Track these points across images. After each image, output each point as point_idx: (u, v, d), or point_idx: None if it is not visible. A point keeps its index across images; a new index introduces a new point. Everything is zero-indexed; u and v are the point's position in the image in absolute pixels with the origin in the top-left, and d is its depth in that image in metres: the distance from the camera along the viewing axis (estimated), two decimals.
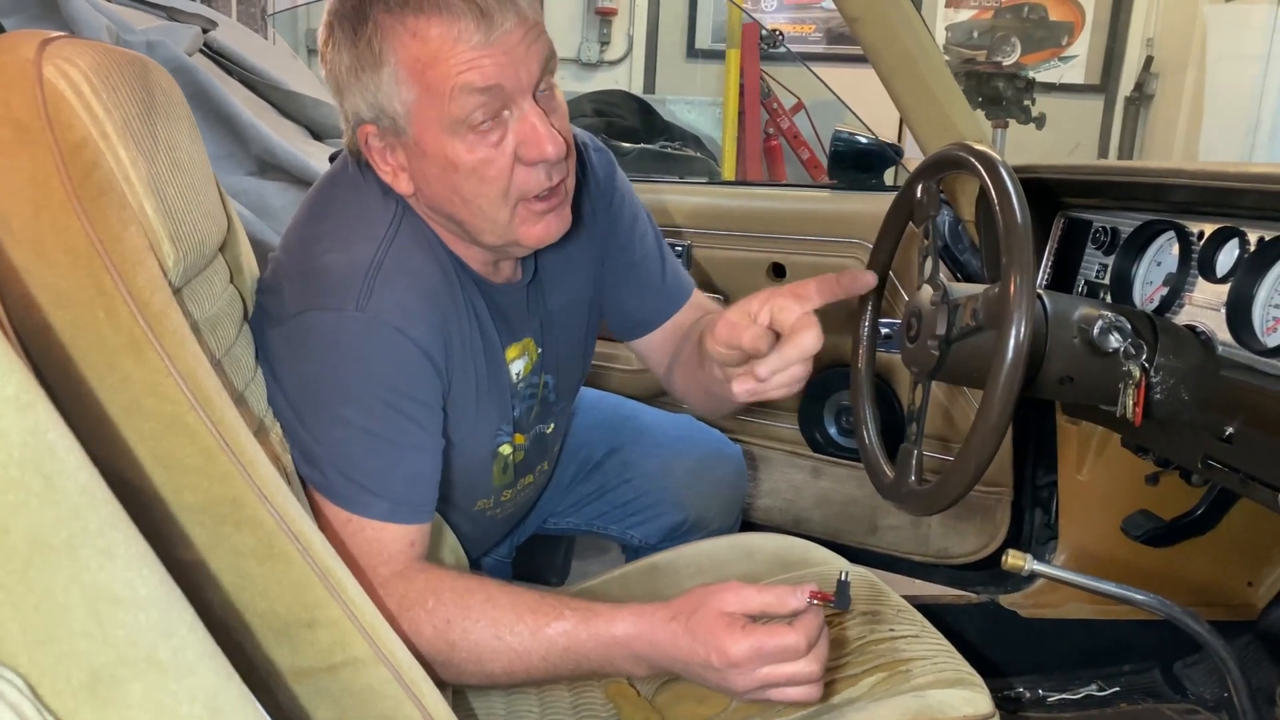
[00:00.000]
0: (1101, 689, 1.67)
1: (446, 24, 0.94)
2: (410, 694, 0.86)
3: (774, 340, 1.02)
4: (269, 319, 1.05)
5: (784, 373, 1.01)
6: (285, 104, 3.16)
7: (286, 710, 0.85)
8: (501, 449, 1.21)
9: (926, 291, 1.15)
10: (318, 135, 3.27)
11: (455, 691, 1.09)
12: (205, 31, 2.97)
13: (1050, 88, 5.08)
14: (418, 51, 0.95)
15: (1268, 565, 1.70)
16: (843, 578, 0.97)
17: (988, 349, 1.03)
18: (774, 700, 0.95)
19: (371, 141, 1.03)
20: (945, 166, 1.16)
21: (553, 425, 1.31)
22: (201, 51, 2.93)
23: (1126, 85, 5.31)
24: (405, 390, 1.01)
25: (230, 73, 3.07)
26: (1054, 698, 1.64)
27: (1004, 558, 0.88)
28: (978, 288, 1.08)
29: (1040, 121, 4.46)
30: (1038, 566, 0.86)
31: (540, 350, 1.21)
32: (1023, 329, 0.96)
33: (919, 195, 1.20)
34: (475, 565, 1.36)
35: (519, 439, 1.23)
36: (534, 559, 1.62)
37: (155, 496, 0.76)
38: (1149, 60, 5.20)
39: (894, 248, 1.29)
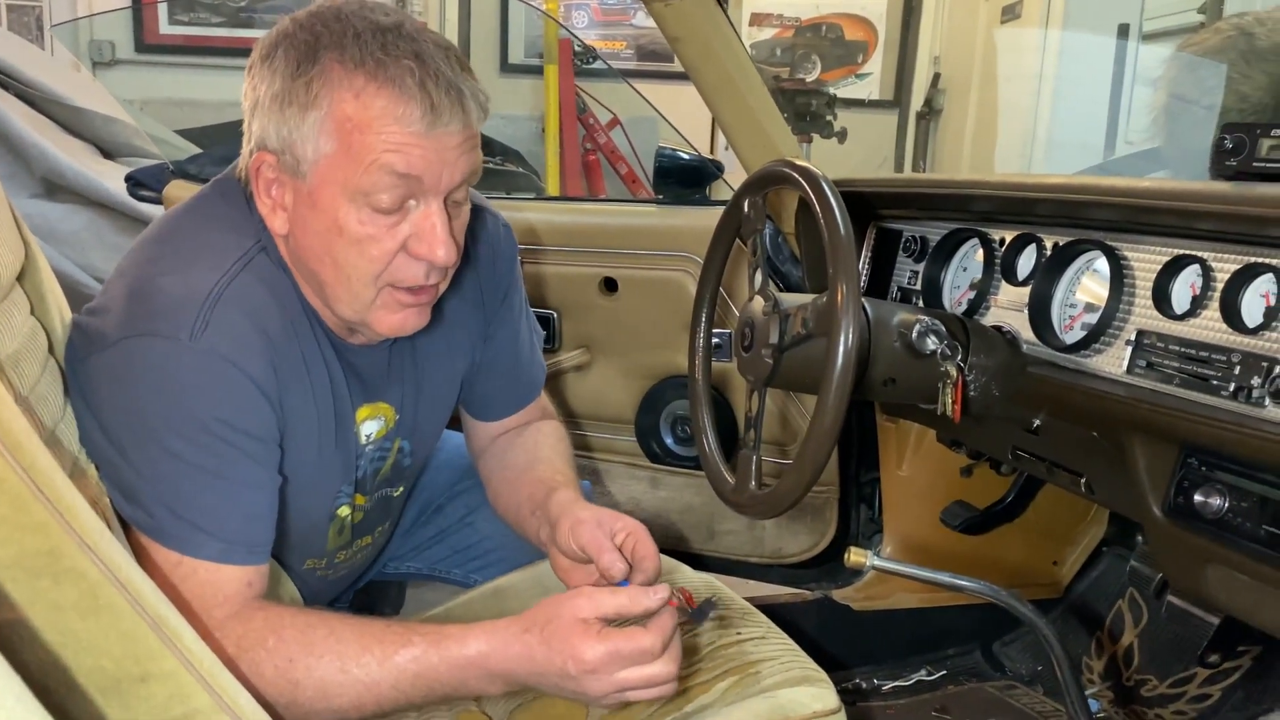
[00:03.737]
0: (930, 673, 1.76)
1: (394, 100, 0.92)
2: None
3: (626, 566, 1.07)
4: (90, 345, 0.98)
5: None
6: (71, 121, 2.97)
7: None
8: (340, 510, 1.17)
9: (758, 303, 1.19)
10: (109, 154, 3.07)
11: None
12: None
13: (852, 103, 5.35)
14: (353, 112, 0.93)
15: (1069, 545, 1.84)
16: (713, 599, 0.98)
17: (818, 356, 1.07)
18: (631, 701, 0.95)
19: (265, 170, 0.99)
20: (770, 182, 1.21)
21: (401, 489, 1.28)
22: None
23: (917, 101, 5.65)
24: (238, 423, 0.96)
25: (5, 87, 2.86)
26: (888, 685, 1.72)
27: (846, 556, 0.92)
28: (807, 298, 1.12)
29: (842, 136, 4.67)
30: (878, 562, 0.90)
31: (399, 417, 1.18)
32: (851, 335, 1.00)
33: (746, 210, 1.24)
34: None
35: (360, 500, 1.19)
36: (367, 593, 1.57)
37: None
38: (936, 77, 5.54)
39: (724, 260, 1.33)
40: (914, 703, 1.67)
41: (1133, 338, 1.10)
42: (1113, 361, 1.12)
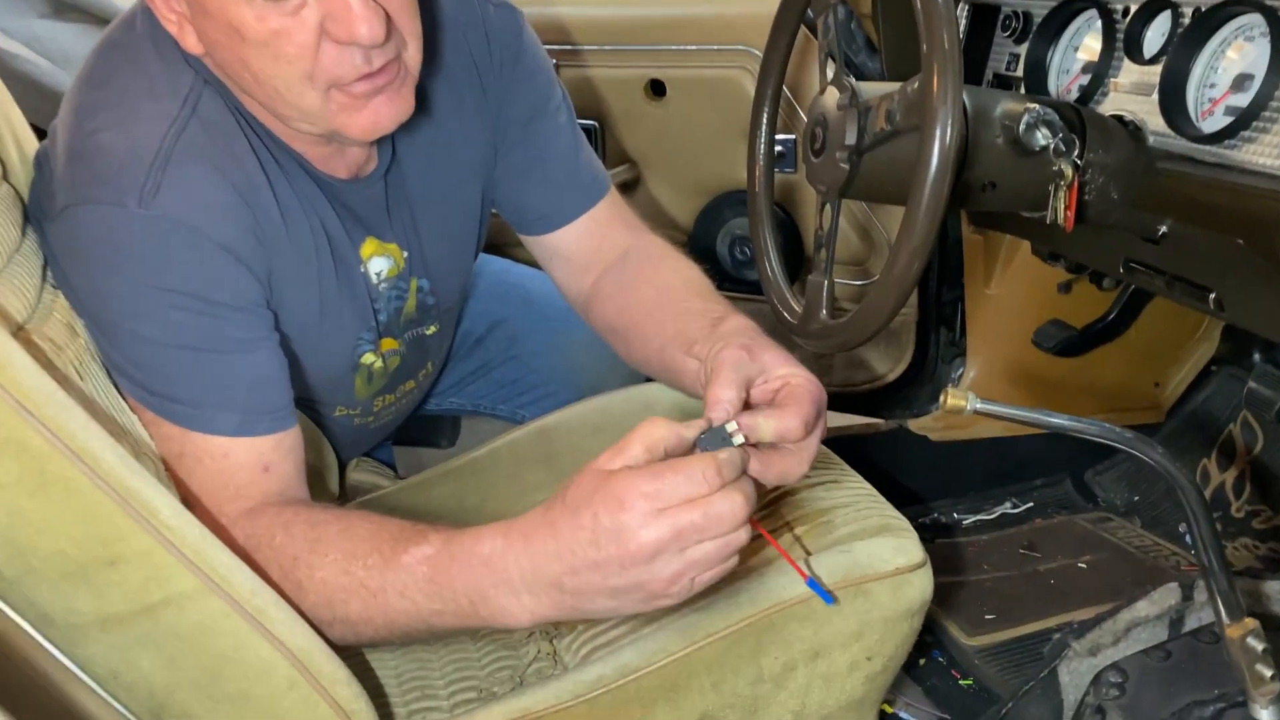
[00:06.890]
0: (1015, 505, 1.64)
1: None
2: (256, 625, 0.71)
3: (737, 404, 0.82)
4: (39, 207, 0.86)
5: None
6: None
7: (99, 665, 0.69)
8: (364, 359, 1.04)
9: (832, 95, 1.00)
10: None
11: None
12: None
13: None
14: None
15: (1174, 365, 1.67)
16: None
17: (906, 157, 0.89)
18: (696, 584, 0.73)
19: None
20: None
21: (435, 327, 1.13)
22: None
23: None
24: (210, 295, 0.83)
25: None
26: (970, 520, 1.60)
27: (942, 399, 0.76)
28: (892, 86, 0.93)
29: None
30: (980, 405, 0.75)
31: (407, 254, 1.02)
32: (949, 130, 0.81)
33: None
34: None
35: (389, 344, 1.06)
36: (410, 430, 1.47)
37: None
38: None
39: (789, 47, 1.13)
40: (998, 538, 1.55)
41: None
42: (1267, 152, 0.92)
